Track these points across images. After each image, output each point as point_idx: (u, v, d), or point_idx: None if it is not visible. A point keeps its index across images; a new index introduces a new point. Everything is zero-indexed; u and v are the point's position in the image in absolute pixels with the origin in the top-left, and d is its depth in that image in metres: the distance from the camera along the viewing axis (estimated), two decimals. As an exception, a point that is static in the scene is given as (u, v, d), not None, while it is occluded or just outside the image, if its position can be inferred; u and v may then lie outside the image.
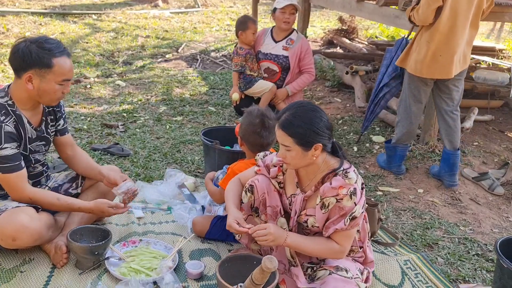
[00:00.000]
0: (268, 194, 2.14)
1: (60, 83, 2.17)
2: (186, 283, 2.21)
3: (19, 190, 2.17)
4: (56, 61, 2.12)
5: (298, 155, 1.96)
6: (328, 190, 1.94)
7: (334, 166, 2.00)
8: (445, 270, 2.51)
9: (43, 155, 2.40)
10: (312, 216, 2.03)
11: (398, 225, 2.94)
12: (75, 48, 7.03)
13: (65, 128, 2.50)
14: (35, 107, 2.27)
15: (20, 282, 2.11)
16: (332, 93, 5.81)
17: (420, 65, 3.28)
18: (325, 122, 1.97)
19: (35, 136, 2.28)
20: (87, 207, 2.31)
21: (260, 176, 2.18)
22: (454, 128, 3.43)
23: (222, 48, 7.90)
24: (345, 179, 1.94)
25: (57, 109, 2.41)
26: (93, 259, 2.22)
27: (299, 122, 1.94)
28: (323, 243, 2.02)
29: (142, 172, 3.37)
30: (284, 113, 1.98)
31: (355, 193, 1.93)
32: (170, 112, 4.78)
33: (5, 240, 2.08)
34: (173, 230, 2.68)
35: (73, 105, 4.73)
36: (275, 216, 2.14)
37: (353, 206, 1.93)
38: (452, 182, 3.48)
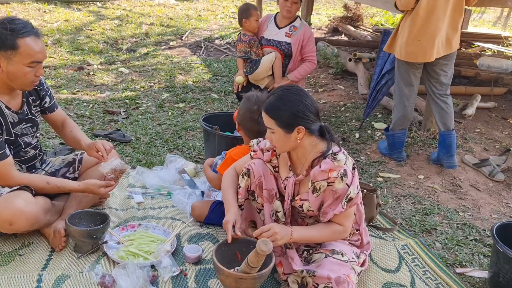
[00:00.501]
0: (264, 177, 2.15)
1: (29, 65, 2.09)
2: (184, 266, 2.23)
3: (6, 178, 2.15)
4: (21, 42, 2.04)
5: (281, 137, 1.99)
6: (318, 174, 1.95)
7: (322, 150, 2.01)
8: (442, 255, 2.51)
9: (33, 138, 2.37)
10: (307, 200, 2.04)
11: (397, 211, 2.94)
12: (79, 35, 7.04)
13: (54, 105, 2.47)
14: (11, 90, 2.21)
15: (19, 265, 2.13)
16: (335, 80, 5.79)
17: (404, 49, 3.33)
18: (308, 106, 1.97)
19: (17, 120, 2.24)
20: (78, 189, 2.31)
21: (256, 160, 2.19)
22: (447, 109, 3.46)
23: (226, 35, 7.87)
24: (334, 161, 1.95)
25: (39, 87, 2.37)
26: (91, 243, 2.24)
27: (281, 105, 1.96)
28: (326, 228, 2.05)
29: (143, 158, 3.38)
30: (270, 96, 2.02)
31: (345, 174, 1.94)
32: (173, 99, 4.79)
33: (2, 225, 2.09)
34: (172, 215, 2.70)
35: (76, 91, 4.75)
36: (271, 199, 2.15)
37: (346, 188, 1.94)
38: (451, 164, 3.48)
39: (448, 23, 3.24)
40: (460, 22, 3.30)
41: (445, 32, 3.26)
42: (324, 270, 1.95)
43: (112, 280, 2.04)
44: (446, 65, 3.40)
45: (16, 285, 1.97)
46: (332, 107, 4.88)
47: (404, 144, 3.64)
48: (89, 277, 2.06)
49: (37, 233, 2.33)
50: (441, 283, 2.26)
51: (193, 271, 2.20)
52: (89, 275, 2.07)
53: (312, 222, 2.17)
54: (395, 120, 3.59)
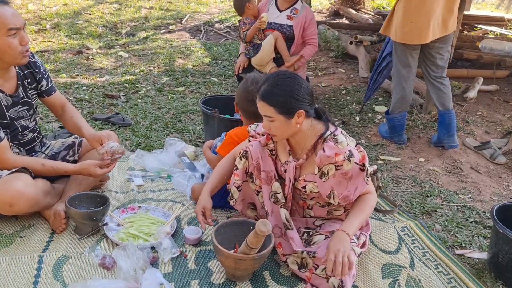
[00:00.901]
0: (262, 159, 2.14)
1: (8, 34, 2.02)
2: (184, 248, 2.23)
3: (1, 161, 2.14)
4: None
5: (282, 124, 1.96)
6: (324, 159, 1.93)
7: (321, 131, 1.99)
8: (442, 236, 2.51)
9: (30, 121, 2.35)
10: (311, 182, 2.03)
11: (398, 193, 2.94)
12: (77, 19, 6.98)
13: (51, 87, 2.44)
14: (4, 73, 2.18)
15: (20, 246, 2.14)
16: (336, 63, 5.75)
17: (399, 30, 3.31)
18: (304, 88, 1.95)
19: (11, 103, 2.21)
20: (73, 170, 2.30)
21: (254, 142, 2.18)
22: (444, 90, 3.46)
23: (226, 19, 7.81)
24: (337, 144, 1.93)
25: (35, 70, 2.33)
26: (91, 225, 2.24)
27: (279, 90, 1.92)
28: (362, 204, 2.02)
29: (142, 141, 3.38)
30: (263, 84, 1.97)
31: (352, 155, 1.92)
32: (172, 82, 4.76)
33: (2, 207, 2.09)
34: (172, 197, 2.71)
35: (75, 75, 4.73)
36: (269, 181, 2.14)
37: (356, 167, 1.92)
38: (452, 143, 3.47)
39: (444, 5, 3.22)
40: (456, 4, 3.29)
41: (440, 13, 3.23)
42: (324, 251, 1.95)
43: (112, 261, 2.05)
44: (442, 48, 3.39)
45: (18, 266, 1.98)
46: (333, 90, 4.85)
47: (404, 127, 3.63)
48: (90, 258, 2.07)
49: (37, 215, 2.33)
50: (440, 264, 2.27)
51: (193, 253, 2.21)
52: (89, 256, 2.08)
53: (313, 204, 2.17)
54: (394, 103, 3.58)
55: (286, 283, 2.06)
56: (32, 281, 1.92)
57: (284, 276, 2.10)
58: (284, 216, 2.09)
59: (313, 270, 1.98)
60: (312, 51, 4.08)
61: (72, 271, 2.00)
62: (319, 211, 2.18)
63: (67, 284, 1.92)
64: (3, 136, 2.15)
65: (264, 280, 2.07)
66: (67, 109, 2.51)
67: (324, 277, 1.95)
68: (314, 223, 2.21)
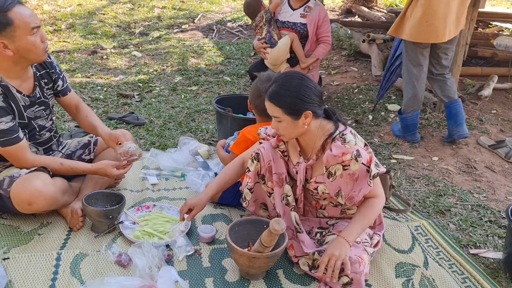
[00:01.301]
0: (274, 161, 2.15)
1: (31, 33, 2.07)
2: (198, 246, 2.26)
3: (21, 161, 2.19)
4: (12, 15, 2.02)
5: (289, 125, 1.96)
6: (331, 159, 1.93)
7: (330, 131, 2.00)
8: (456, 236, 2.51)
9: (46, 121, 2.39)
10: (322, 183, 2.04)
11: (411, 192, 2.93)
12: (92, 19, 7.06)
13: (66, 88, 2.48)
14: (22, 74, 2.22)
15: (38, 243, 2.19)
16: (348, 62, 5.73)
17: (415, 29, 3.27)
18: (312, 89, 1.95)
19: (28, 103, 2.25)
20: (90, 169, 2.34)
21: (266, 144, 2.19)
22: (448, 83, 3.48)
23: (238, 18, 7.82)
24: (344, 144, 1.93)
25: (51, 70, 2.38)
26: (107, 223, 2.28)
27: (286, 91, 1.93)
28: (366, 209, 2.03)
29: (157, 140, 3.41)
30: (272, 85, 1.98)
31: (359, 155, 1.91)
32: (185, 82, 4.80)
33: (21, 205, 2.13)
34: (186, 196, 2.73)
35: (90, 75, 4.79)
36: (281, 183, 2.15)
37: (363, 167, 1.92)
38: (462, 133, 3.46)
39: (459, 3, 3.20)
40: (468, 2, 3.27)
41: (455, 12, 3.22)
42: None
43: (128, 259, 2.08)
44: (448, 48, 3.41)
45: (36, 263, 2.02)
46: (345, 89, 4.84)
47: (417, 125, 3.61)
48: (106, 255, 2.11)
49: (55, 213, 2.38)
50: (454, 264, 2.26)
51: (207, 251, 2.23)
52: (106, 253, 2.12)
53: (326, 204, 2.18)
54: (405, 102, 3.56)
55: (300, 281, 2.08)
56: (50, 277, 1.96)
57: (297, 275, 2.12)
58: (294, 219, 2.11)
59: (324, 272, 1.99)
60: (325, 49, 4.08)
61: (89, 268, 2.04)
62: (332, 210, 2.19)
63: (85, 281, 1.96)
64: (23, 136, 2.19)
65: (278, 278, 2.09)
66: (82, 108, 2.55)
67: (336, 276, 1.96)
68: (328, 223, 2.22)
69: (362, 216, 2.04)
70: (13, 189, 2.11)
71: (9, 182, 2.15)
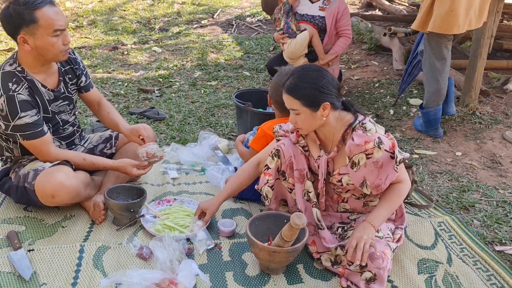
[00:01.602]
0: (295, 157, 2.13)
1: (53, 35, 2.08)
2: (218, 240, 2.26)
3: (44, 155, 2.22)
4: (39, 14, 2.03)
5: (308, 117, 1.95)
6: (354, 148, 1.92)
7: (349, 121, 1.98)
8: (480, 232, 2.45)
9: (70, 115, 2.42)
10: (346, 174, 2.03)
11: (434, 188, 2.88)
12: (112, 15, 7.13)
13: (89, 84, 2.51)
14: (46, 69, 2.24)
15: (62, 236, 2.22)
16: (369, 56, 5.66)
17: (440, 20, 3.18)
18: (330, 80, 1.94)
19: (53, 97, 2.28)
20: (112, 166, 2.36)
21: (285, 140, 2.17)
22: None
23: (257, 13, 7.79)
24: (365, 132, 1.91)
25: (75, 66, 2.40)
26: (129, 216, 2.30)
27: (304, 83, 1.92)
28: (392, 194, 2.02)
29: (177, 135, 3.43)
30: (289, 77, 1.97)
31: (381, 141, 1.90)
32: (205, 77, 4.81)
33: (45, 198, 2.17)
34: (206, 190, 2.74)
35: (111, 71, 4.84)
36: (302, 179, 2.14)
37: (386, 154, 1.90)
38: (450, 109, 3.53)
39: None
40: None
41: (479, 2, 3.15)
42: (359, 246, 1.94)
43: (149, 252, 2.10)
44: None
45: (60, 255, 2.06)
46: (366, 83, 4.79)
47: (440, 120, 3.55)
48: (128, 248, 2.13)
49: (78, 207, 2.41)
50: (479, 261, 2.21)
51: (227, 245, 2.24)
52: (127, 246, 2.14)
53: (348, 197, 2.16)
54: (428, 97, 3.50)
55: (320, 276, 2.06)
56: (74, 269, 1.99)
57: (318, 270, 2.10)
58: (316, 215, 2.09)
59: (347, 267, 1.97)
60: (345, 44, 4.02)
61: (111, 260, 2.06)
62: (354, 203, 2.17)
63: (107, 272, 1.99)
64: (47, 130, 2.23)
65: (298, 273, 2.08)
66: (103, 105, 2.58)
67: (358, 271, 1.94)
68: (349, 218, 2.20)
69: (387, 201, 2.02)
70: (37, 182, 2.15)
71: (34, 176, 2.18)
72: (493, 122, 3.75)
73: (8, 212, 2.37)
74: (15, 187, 2.25)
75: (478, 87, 3.83)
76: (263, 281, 2.01)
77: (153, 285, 1.85)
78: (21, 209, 2.39)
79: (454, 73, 4.43)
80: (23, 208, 2.39)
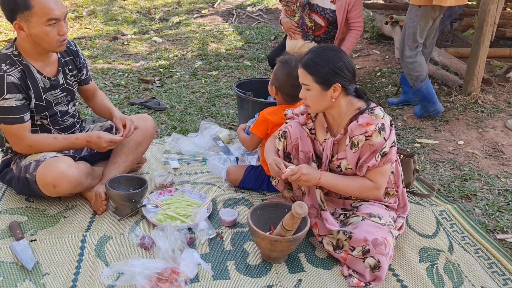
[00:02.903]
0: (301, 139, 2.15)
1: (47, 23, 2.04)
2: (219, 229, 2.27)
3: (18, 140, 2.19)
4: (34, 1, 2.00)
5: (317, 95, 1.96)
6: (355, 128, 1.94)
7: (360, 107, 2.00)
8: (482, 220, 2.45)
9: (69, 107, 2.40)
10: (345, 158, 2.04)
11: (435, 177, 2.88)
12: (112, 6, 7.09)
13: (89, 77, 2.51)
14: (45, 58, 2.22)
15: (64, 226, 2.23)
16: (371, 45, 5.63)
17: None
18: (346, 63, 1.95)
19: (48, 86, 2.25)
20: (84, 136, 2.30)
21: (293, 122, 2.19)
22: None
23: (258, 2, 7.74)
24: (371, 115, 1.94)
25: (76, 58, 2.39)
26: (130, 206, 2.30)
27: (320, 60, 1.94)
28: (357, 180, 2.04)
29: (178, 125, 3.42)
30: (307, 54, 2.00)
31: (383, 128, 1.92)
32: (206, 67, 4.79)
33: (47, 188, 2.17)
34: (207, 180, 2.74)
35: (111, 61, 4.82)
36: (307, 161, 2.15)
37: (383, 142, 1.93)
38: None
39: None
40: None
41: None
42: (361, 232, 1.94)
43: (151, 242, 2.10)
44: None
45: (62, 245, 2.06)
46: (368, 72, 4.76)
47: (434, 93, 3.54)
48: (130, 238, 2.13)
49: (79, 197, 2.41)
50: (480, 249, 2.21)
51: (229, 234, 2.24)
52: (129, 236, 2.14)
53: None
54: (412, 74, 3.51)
55: (322, 265, 2.07)
56: (76, 259, 2.00)
57: (319, 258, 2.11)
58: (319, 197, 2.09)
59: (349, 252, 1.97)
60: (355, 38, 3.83)
61: (113, 250, 2.07)
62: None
63: (109, 262, 1.99)
64: (27, 118, 2.18)
65: (300, 262, 2.09)
66: (98, 93, 2.59)
67: (360, 257, 1.94)
68: (352, 205, 2.20)
69: (347, 179, 2.04)
70: (38, 172, 2.15)
71: (35, 166, 2.18)
72: (495, 111, 3.73)
73: (10, 203, 2.38)
74: (16, 178, 2.25)
75: (480, 76, 3.81)
76: (264, 270, 2.02)
77: (155, 274, 1.86)
78: (23, 199, 2.40)
79: (456, 61, 4.41)
80: (25, 199, 2.40)
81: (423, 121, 3.62)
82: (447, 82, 4.16)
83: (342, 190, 2.08)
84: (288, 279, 1.98)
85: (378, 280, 1.93)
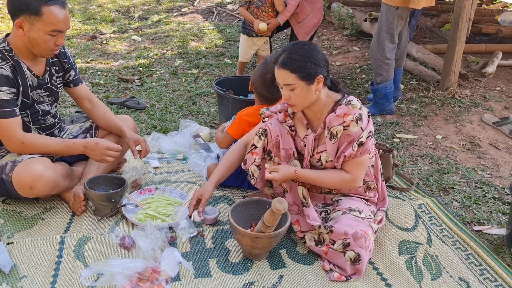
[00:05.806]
0: (281, 137, 2.15)
1: (50, 33, 2.08)
2: (201, 228, 2.26)
3: (10, 135, 2.15)
4: (46, 9, 2.03)
5: (303, 91, 1.97)
6: (333, 119, 1.97)
7: (337, 98, 2.03)
8: (460, 213, 2.50)
9: (51, 107, 2.38)
10: (324, 151, 2.06)
11: (414, 171, 2.92)
12: (90, 4, 7.00)
13: (78, 79, 2.48)
14: (34, 57, 2.22)
15: (42, 228, 2.19)
16: (350, 42, 5.67)
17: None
18: (321, 54, 1.99)
19: (36, 84, 2.25)
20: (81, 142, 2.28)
21: (273, 120, 2.19)
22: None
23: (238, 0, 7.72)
24: (348, 105, 1.97)
25: (64, 60, 2.38)
26: (110, 206, 2.28)
27: (298, 56, 1.95)
28: (333, 172, 2.07)
29: (158, 124, 3.40)
30: (281, 54, 1.99)
31: (360, 118, 1.95)
32: (186, 65, 4.76)
33: (23, 189, 2.14)
34: (188, 178, 2.73)
35: (90, 60, 4.76)
36: (288, 158, 2.16)
37: (360, 132, 1.95)
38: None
39: None
40: None
41: None
42: (341, 226, 1.96)
43: (131, 241, 2.08)
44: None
45: (40, 247, 2.03)
46: (348, 69, 4.80)
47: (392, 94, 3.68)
48: (110, 238, 2.11)
49: (58, 198, 2.38)
50: (458, 241, 2.25)
51: (210, 232, 2.24)
52: (109, 236, 2.12)
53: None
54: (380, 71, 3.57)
55: (303, 260, 2.08)
56: (54, 261, 1.97)
57: (300, 254, 2.12)
58: (301, 193, 2.10)
59: (330, 246, 1.99)
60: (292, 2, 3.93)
61: (93, 251, 2.04)
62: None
63: (89, 263, 1.97)
64: (18, 113, 2.16)
65: (281, 258, 2.09)
66: (97, 104, 2.53)
67: (341, 251, 1.95)
68: (332, 199, 2.21)
69: (324, 171, 2.07)
70: (14, 173, 2.12)
71: (11, 167, 2.15)
72: (472, 105, 3.80)
73: (-14, 206, 2.33)
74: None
75: (457, 71, 3.88)
76: (246, 267, 2.02)
77: (135, 274, 1.84)
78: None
79: (434, 57, 4.47)
80: (1, 201, 2.35)
81: (402, 117, 3.67)
82: (425, 77, 4.22)
83: (318, 181, 2.09)
84: (269, 275, 1.98)
85: (359, 274, 1.95)
